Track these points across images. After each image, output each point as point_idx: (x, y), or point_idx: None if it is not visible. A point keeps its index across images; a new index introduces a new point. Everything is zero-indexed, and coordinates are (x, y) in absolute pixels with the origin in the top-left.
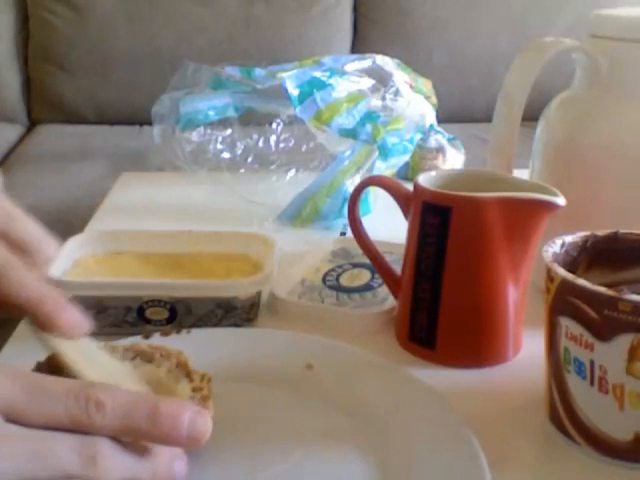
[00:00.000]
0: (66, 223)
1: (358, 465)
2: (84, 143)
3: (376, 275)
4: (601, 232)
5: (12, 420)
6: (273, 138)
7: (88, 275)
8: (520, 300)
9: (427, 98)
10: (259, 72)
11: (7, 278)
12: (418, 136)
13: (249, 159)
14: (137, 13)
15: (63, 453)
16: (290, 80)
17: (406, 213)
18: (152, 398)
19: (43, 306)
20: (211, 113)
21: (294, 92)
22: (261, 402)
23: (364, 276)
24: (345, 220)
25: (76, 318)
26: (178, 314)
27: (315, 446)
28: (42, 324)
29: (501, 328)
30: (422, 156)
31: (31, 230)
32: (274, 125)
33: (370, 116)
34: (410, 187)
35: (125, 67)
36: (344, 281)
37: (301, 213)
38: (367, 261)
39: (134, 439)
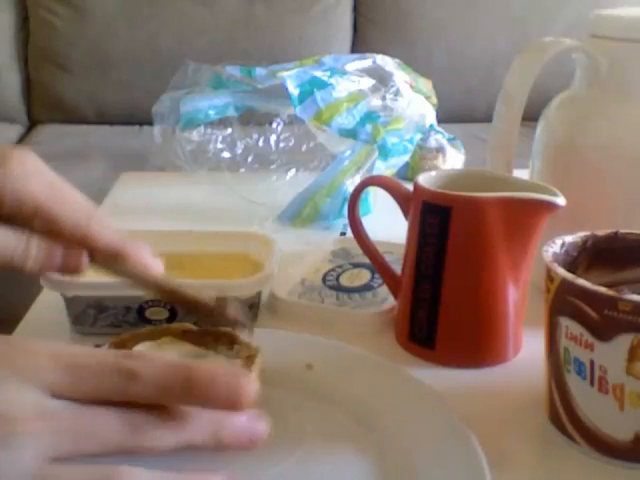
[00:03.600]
0: None
1: (358, 465)
2: (84, 143)
3: (376, 275)
4: (601, 232)
5: (56, 396)
6: (273, 138)
7: (88, 275)
8: (520, 300)
9: (427, 98)
10: (260, 71)
11: (96, 222)
12: (418, 136)
13: (249, 159)
14: (137, 13)
15: (107, 426)
16: (290, 79)
17: (406, 213)
18: (187, 365)
19: (129, 245)
20: (211, 112)
21: (294, 91)
22: (261, 402)
23: (364, 276)
24: (345, 220)
25: (153, 259)
26: (178, 314)
27: (315, 446)
28: (128, 260)
29: (501, 328)
30: (422, 156)
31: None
32: (274, 125)
33: (370, 116)
34: (410, 187)
35: (125, 67)
36: (344, 281)
37: (301, 213)
38: (367, 261)
39: (171, 404)
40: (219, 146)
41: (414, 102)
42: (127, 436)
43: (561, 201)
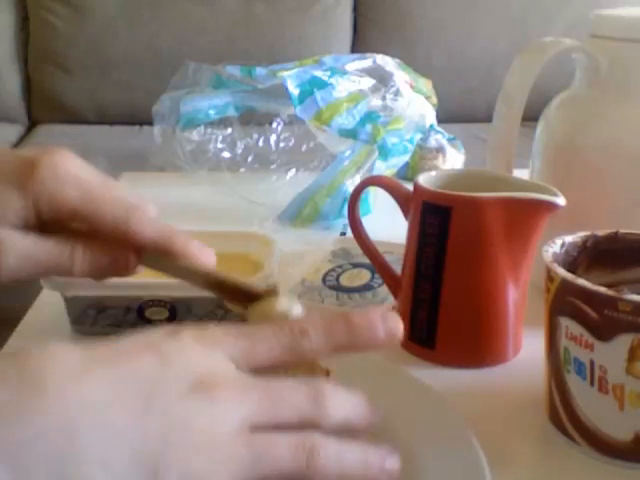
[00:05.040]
0: None
1: None
2: (84, 143)
3: (376, 275)
4: (601, 232)
5: (241, 367)
6: (273, 138)
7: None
8: (520, 300)
9: (427, 98)
10: (260, 71)
11: (135, 218)
12: (418, 136)
13: (249, 158)
14: (137, 13)
15: (292, 395)
16: (291, 79)
17: (406, 213)
18: (341, 314)
19: (175, 239)
20: (211, 112)
21: (295, 91)
22: None
23: (364, 276)
24: (345, 220)
25: (202, 250)
26: (178, 314)
27: None
28: (177, 255)
29: (501, 328)
30: (422, 156)
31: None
32: (274, 124)
33: (370, 116)
34: (410, 187)
35: (125, 67)
36: (344, 281)
37: (301, 213)
38: (367, 261)
39: (340, 351)
40: (219, 146)
41: (414, 102)
42: (309, 404)
43: (561, 201)
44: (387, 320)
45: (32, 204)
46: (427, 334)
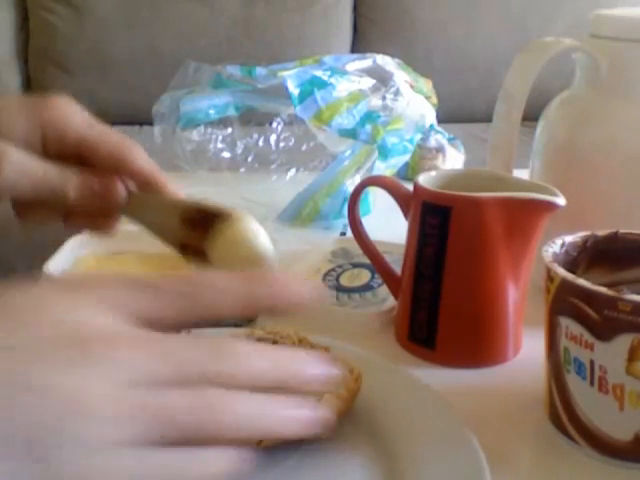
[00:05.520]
0: None
1: (358, 465)
2: None
3: (376, 275)
4: (601, 232)
5: (141, 318)
6: (273, 137)
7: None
8: (520, 300)
9: (427, 98)
10: (260, 71)
11: (135, 150)
12: (418, 136)
13: (249, 158)
14: (137, 13)
15: (189, 351)
16: (291, 79)
17: (406, 213)
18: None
19: (158, 176)
20: (211, 112)
21: (295, 91)
22: None
23: (364, 276)
24: (345, 220)
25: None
26: None
27: (314, 447)
28: (162, 189)
29: (501, 328)
30: (422, 156)
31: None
32: (274, 124)
33: (370, 116)
34: (410, 187)
35: (125, 67)
36: (344, 281)
37: (301, 213)
38: (367, 261)
39: (253, 309)
40: (219, 146)
41: (414, 102)
42: (208, 358)
43: (561, 201)
44: (299, 283)
45: (40, 129)
46: (427, 334)
